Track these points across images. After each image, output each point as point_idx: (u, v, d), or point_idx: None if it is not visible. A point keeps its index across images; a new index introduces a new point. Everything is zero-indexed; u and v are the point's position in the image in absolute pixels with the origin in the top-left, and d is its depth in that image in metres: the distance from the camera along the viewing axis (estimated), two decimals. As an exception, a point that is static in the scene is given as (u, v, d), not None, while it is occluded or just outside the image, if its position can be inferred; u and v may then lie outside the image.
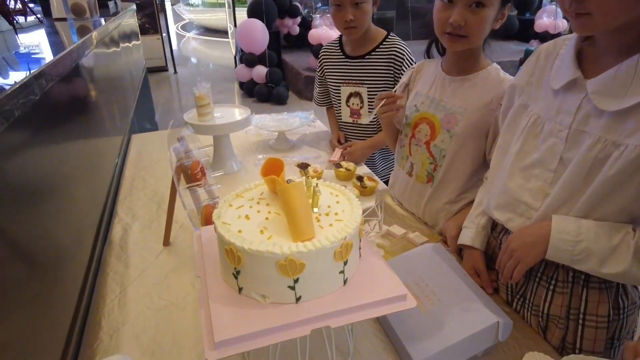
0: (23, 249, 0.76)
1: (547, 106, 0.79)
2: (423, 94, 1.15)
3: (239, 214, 0.68)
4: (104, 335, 0.86)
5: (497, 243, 0.96)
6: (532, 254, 0.79)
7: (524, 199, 0.83)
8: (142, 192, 1.41)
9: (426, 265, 0.93)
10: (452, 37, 0.99)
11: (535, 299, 0.86)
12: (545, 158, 0.79)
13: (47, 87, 0.87)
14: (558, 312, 0.83)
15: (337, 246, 0.61)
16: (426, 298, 0.85)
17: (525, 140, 0.83)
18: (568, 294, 0.81)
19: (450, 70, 1.10)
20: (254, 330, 0.58)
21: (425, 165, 1.16)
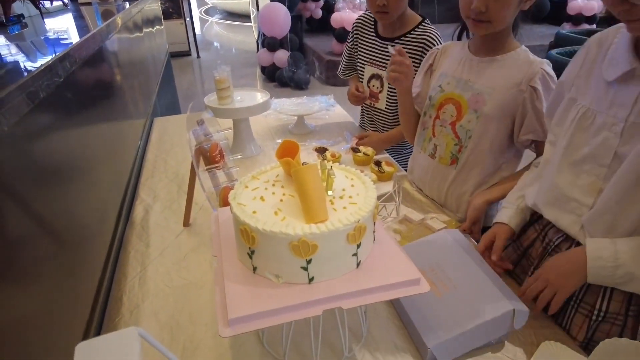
0: (49, 227, 0.79)
1: (598, 98, 0.76)
2: (449, 74, 1.13)
3: (254, 195, 0.69)
4: (125, 311, 0.89)
5: (540, 237, 0.93)
6: (569, 284, 0.77)
7: (574, 195, 0.80)
8: (164, 174, 1.44)
9: (443, 251, 0.92)
10: (475, 22, 0.98)
11: (587, 297, 0.81)
12: (598, 153, 0.75)
13: (70, 70, 0.90)
14: (618, 309, 0.79)
15: (350, 229, 0.61)
16: (441, 284, 0.84)
17: (574, 134, 0.80)
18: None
19: (478, 51, 1.08)
20: (267, 309, 0.59)
21: (449, 146, 1.14)
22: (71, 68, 0.90)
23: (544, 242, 0.91)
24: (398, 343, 0.80)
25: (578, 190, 0.79)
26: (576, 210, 0.80)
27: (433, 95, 1.16)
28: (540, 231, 0.93)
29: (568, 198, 0.81)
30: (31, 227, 0.71)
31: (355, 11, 4.90)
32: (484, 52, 1.07)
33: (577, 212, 0.80)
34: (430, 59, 1.21)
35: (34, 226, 0.73)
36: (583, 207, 0.79)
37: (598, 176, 0.76)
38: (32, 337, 0.63)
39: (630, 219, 0.72)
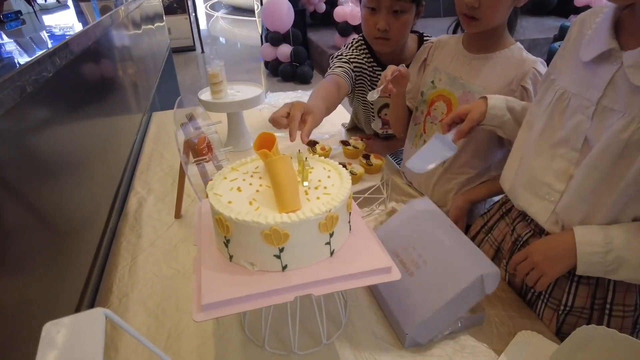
0: (42, 218, 0.82)
1: (575, 80, 0.74)
2: (442, 70, 1.11)
3: (232, 186, 0.71)
4: (114, 299, 0.92)
5: (509, 230, 0.93)
6: (557, 268, 0.76)
7: (547, 179, 0.78)
8: (159, 167, 1.46)
9: (413, 225, 0.90)
10: (467, 19, 0.96)
11: (554, 291, 0.83)
12: (571, 136, 0.74)
13: (61, 65, 0.92)
14: (582, 304, 0.80)
15: (321, 218, 0.62)
16: (412, 263, 0.83)
17: (551, 116, 0.78)
18: (594, 285, 0.78)
19: (471, 47, 1.06)
20: (240, 295, 0.61)
21: None
22: (61, 63, 0.92)
23: (513, 236, 0.92)
24: (377, 330, 0.82)
25: (552, 175, 0.77)
26: (547, 196, 0.79)
27: (425, 91, 1.15)
28: (509, 224, 0.94)
29: (541, 182, 0.79)
30: (24, 218, 0.74)
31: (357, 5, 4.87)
32: (476, 49, 1.05)
33: (549, 198, 0.78)
34: (424, 53, 1.18)
35: (26, 217, 0.75)
36: (554, 193, 0.77)
37: (570, 161, 0.74)
38: (21, 323, 0.66)
39: (606, 208, 0.70)
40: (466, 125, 0.88)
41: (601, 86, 0.68)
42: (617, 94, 0.67)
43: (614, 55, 0.67)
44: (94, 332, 0.42)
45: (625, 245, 0.68)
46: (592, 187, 0.71)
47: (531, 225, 0.87)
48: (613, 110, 0.67)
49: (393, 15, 1.16)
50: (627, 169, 0.66)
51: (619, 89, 0.66)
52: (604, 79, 0.68)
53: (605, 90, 0.68)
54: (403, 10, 1.15)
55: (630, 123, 0.64)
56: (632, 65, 0.64)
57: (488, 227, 1.01)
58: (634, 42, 0.65)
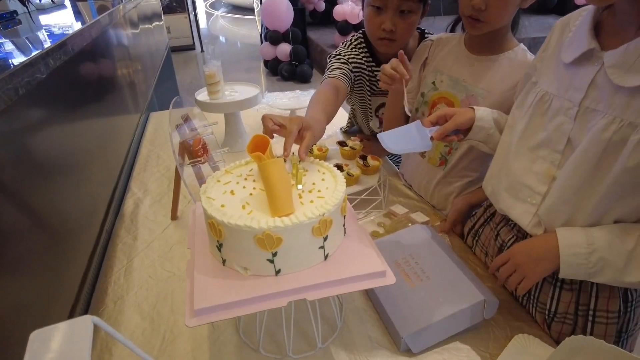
0: (37, 220, 0.81)
1: (556, 81, 0.74)
2: (443, 71, 1.08)
3: (225, 189, 0.71)
4: (109, 301, 0.91)
5: (493, 235, 0.93)
6: (539, 270, 0.75)
7: (528, 182, 0.78)
8: (156, 168, 1.46)
9: (416, 244, 0.93)
10: (471, 21, 0.92)
11: (541, 296, 0.82)
12: (553, 138, 0.73)
13: (55, 66, 0.91)
14: (566, 309, 0.79)
15: (315, 222, 0.62)
16: (415, 275, 0.85)
17: (532, 118, 0.78)
18: (577, 290, 0.78)
19: (474, 49, 1.03)
20: (232, 300, 0.60)
21: (439, 147, 1.12)
22: (55, 64, 0.92)
23: (498, 241, 0.91)
24: (373, 334, 0.81)
25: (533, 177, 0.77)
26: (529, 199, 0.78)
27: (426, 92, 1.12)
28: (493, 228, 0.93)
29: (522, 185, 0.79)
30: (18, 220, 0.74)
31: (358, 3, 4.86)
32: (479, 51, 1.02)
33: (530, 201, 0.78)
34: (425, 53, 1.14)
35: (21, 219, 0.75)
36: (536, 195, 0.77)
37: (552, 163, 0.74)
38: (14, 327, 0.66)
39: (588, 210, 0.70)
40: (450, 125, 0.85)
41: (583, 87, 0.68)
42: (599, 94, 0.67)
43: (595, 56, 0.68)
44: (81, 340, 0.41)
45: (607, 246, 0.68)
46: (574, 188, 0.70)
47: (514, 230, 0.87)
48: (595, 110, 0.67)
49: (400, 16, 1.09)
50: (609, 169, 0.65)
51: (600, 90, 0.66)
52: (585, 80, 0.68)
53: (587, 91, 0.68)
54: (410, 11, 1.09)
55: (611, 123, 0.64)
56: (613, 66, 0.64)
57: (474, 230, 1.01)
58: (615, 42, 0.65)
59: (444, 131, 0.85)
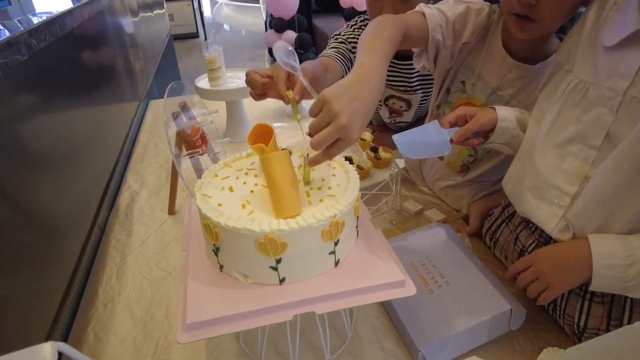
0: (25, 214, 0.74)
1: (594, 68, 0.64)
2: (475, 71, 0.91)
3: (223, 185, 0.63)
4: (100, 304, 0.84)
5: (512, 238, 0.85)
6: (566, 281, 0.67)
7: (556, 181, 0.69)
8: (154, 159, 1.38)
9: (434, 245, 0.85)
10: (519, 21, 0.73)
11: (567, 308, 0.73)
12: (588, 132, 0.64)
13: (38, 48, 0.83)
14: (597, 325, 0.70)
15: (325, 225, 0.54)
16: (433, 280, 0.78)
17: (562, 109, 0.68)
18: (608, 304, 0.69)
19: (513, 51, 0.85)
20: (230, 314, 0.53)
21: (462, 155, 1.01)
22: (39, 45, 0.84)
23: (517, 246, 0.83)
24: (386, 345, 0.74)
25: (561, 176, 0.68)
26: (556, 200, 0.69)
27: (452, 90, 0.96)
28: (512, 230, 0.85)
29: (548, 185, 0.70)
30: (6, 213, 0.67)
31: (365, -10, 4.73)
32: (520, 55, 0.85)
33: (557, 202, 0.69)
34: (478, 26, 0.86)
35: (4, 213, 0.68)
36: (564, 196, 0.68)
37: (586, 160, 0.65)
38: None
39: (628, 217, 0.61)
40: (472, 126, 0.75)
41: (630, 73, 0.58)
42: None
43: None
44: (42, 373, 0.34)
45: None
46: (612, 191, 0.61)
47: (535, 234, 0.79)
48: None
49: (402, 1, 0.99)
50: None
51: None
52: (632, 66, 0.58)
53: (635, 78, 0.58)
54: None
55: None
56: None
57: (492, 231, 0.93)
58: None
59: (465, 133, 0.75)
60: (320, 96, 0.55)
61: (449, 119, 0.77)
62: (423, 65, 0.90)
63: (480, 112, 0.77)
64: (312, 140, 0.55)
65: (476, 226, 0.97)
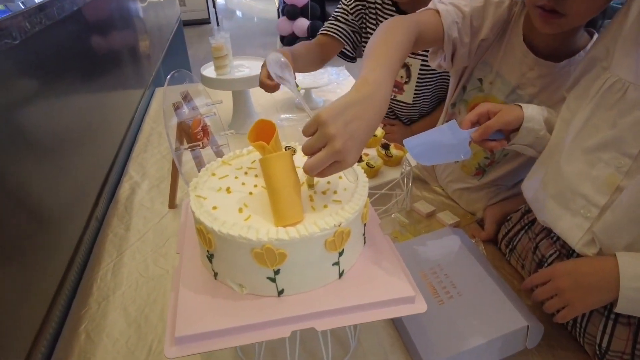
0: (20, 203, 0.71)
1: (636, 66, 0.57)
2: (493, 68, 0.84)
3: (220, 185, 0.58)
4: (93, 302, 0.81)
5: (532, 246, 0.79)
6: (588, 302, 0.62)
7: (584, 190, 0.63)
8: (157, 149, 1.34)
9: (446, 252, 0.80)
10: (545, 15, 0.66)
11: (589, 327, 0.67)
12: (623, 137, 0.58)
13: (32, 31, 0.79)
14: (622, 348, 0.64)
15: (328, 234, 0.49)
16: (444, 290, 0.73)
17: (596, 111, 0.61)
18: (635, 325, 0.63)
19: (538, 47, 0.78)
20: (224, 327, 0.49)
21: (478, 157, 0.95)
22: (33, 29, 0.79)
23: (536, 256, 0.77)
24: (392, 358, 0.69)
25: (590, 185, 0.62)
26: (582, 210, 0.63)
27: (469, 88, 0.90)
28: (532, 239, 0.79)
29: (575, 193, 0.64)
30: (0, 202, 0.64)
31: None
32: (543, 51, 0.78)
33: (584, 213, 0.63)
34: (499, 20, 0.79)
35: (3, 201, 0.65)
36: (592, 207, 0.62)
37: (619, 169, 0.59)
38: None
39: None
40: (494, 123, 0.68)
41: None
42: None
43: None
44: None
45: None
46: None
47: (557, 244, 0.73)
48: None
49: None
50: None
51: None
52: None
53: None
54: None
55: None
56: None
57: (509, 238, 0.87)
58: None
59: (487, 130, 0.68)
60: (316, 116, 0.50)
61: (470, 118, 0.70)
62: (439, 64, 0.83)
63: (505, 109, 0.70)
64: (305, 164, 0.50)
65: (492, 232, 0.91)
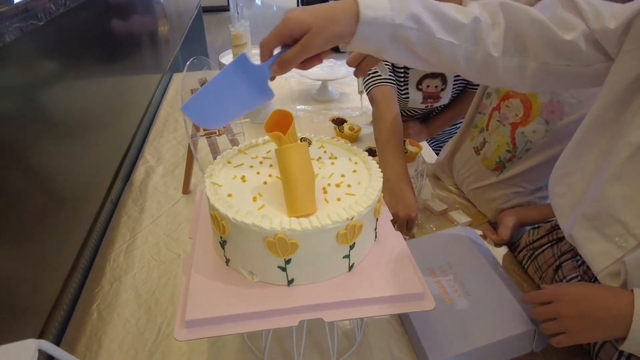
0: (39, 181, 0.73)
1: None
2: None
3: (235, 174, 0.58)
4: (106, 282, 0.82)
5: (555, 263, 0.75)
6: (589, 335, 0.57)
7: (625, 217, 0.55)
8: (172, 135, 1.35)
9: (457, 250, 0.80)
10: None
11: (601, 354, 0.64)
12: None
13: (57, 13, 0.80)
14: None
15: (340, 227, 0.49)
16: (452, 289, 0.72)
17: None
18: None
19: None
20: (234, 313, 0.49)
21: (500, 150, 0.93)
22: (57, 10, 0.80)
23: (558, 275, 0.74)
24: (396, 353, 0.69)
25: (635, 213, 0.54)
26: (618, 239, 0.56)
27: None
28: (557, 256, 0.76)
29: (613, 218, 0.56)
30: (17, 180, 0.65)
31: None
32: None
33: (619, 242, 0.56)
34: None
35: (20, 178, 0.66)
36: (629, 237, 0.55)
37: None
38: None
39: None
40: (274, 37, 0.55)
41: None
42: None
43: None
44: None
45: None
46: None
47: (580, 269, 0.70)
48: None
49: None
50: None
51: None
52: None
53: None
54: None
55: None
56: None
57: (532, 247, 0.85)
58: None
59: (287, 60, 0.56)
60: None
61: (268, 42, 0.57)
62: None
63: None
64: None
65: (505, 237, 0.89)
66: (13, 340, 0.33)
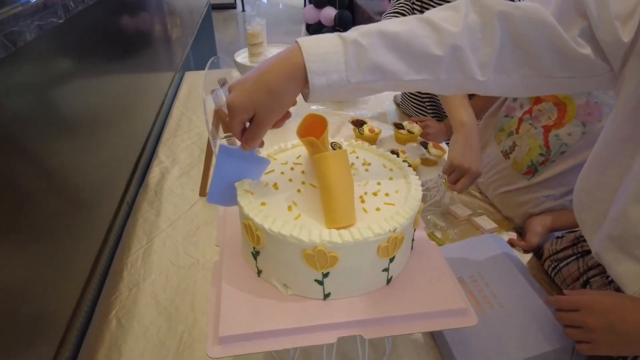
0: (55, 183, 0.70)
1: None
2: None
3: (267, 180, 0.56)
4: (124, 288, 0.80)
5: (581, 277, 0.72)
6: (618, 349, 0.55)
7: None
8: (187, 134, 1.33)
9: (486, 259, 0.77)
10: None
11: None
12: None
13: (76, 11, 0.77)
14: None
15: (382, 240, 0.47)
16: (484, 300, 0.70)
17: None
18: None
19: None
20: (268, 329, 0.47)
21: (532, 154, 0.89)
22: (77, 8, 0.78)
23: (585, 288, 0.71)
24: (427, 366, 0.67)
25: None
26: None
27: None
28: (584, 270, 0.72)
29: (638, 240, 0.54)
30: (35, 181, 0.63)
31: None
32: None
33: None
34: None
35: (36, 179, 0.64)
36: None
37: None
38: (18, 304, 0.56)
39: None
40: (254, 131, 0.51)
41: None
42: None
43: None
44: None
45: None
46: None
47: (611, 286, 0.67)
48: None
49: None
50: None
51: None
52: None
53: None
54: None
55: None
56: None
57: (556, 258, 0.81)
58: None
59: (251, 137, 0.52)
60: None
61: None
62: None
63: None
64: None
65: (534, 243, 0.86)
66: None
